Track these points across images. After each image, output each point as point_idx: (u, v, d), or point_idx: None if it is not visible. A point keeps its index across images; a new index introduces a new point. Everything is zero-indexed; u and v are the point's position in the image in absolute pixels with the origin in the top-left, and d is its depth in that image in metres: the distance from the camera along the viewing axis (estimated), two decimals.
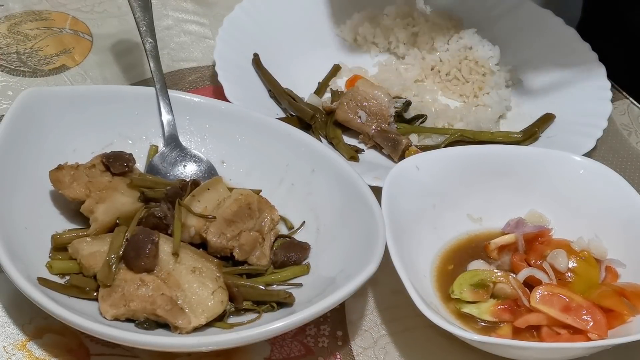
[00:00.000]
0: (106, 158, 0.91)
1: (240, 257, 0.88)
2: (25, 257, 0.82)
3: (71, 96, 0.97)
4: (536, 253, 0.92)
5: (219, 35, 1.15)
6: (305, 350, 0.86)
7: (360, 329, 0.89)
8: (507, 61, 1.22)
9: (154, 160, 0.97)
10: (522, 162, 0.98)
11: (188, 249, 0.86)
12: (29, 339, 0.83)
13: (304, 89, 1.14)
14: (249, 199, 0.90)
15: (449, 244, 0.95)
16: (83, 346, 0.83)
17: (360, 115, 1.08)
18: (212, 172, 0.97)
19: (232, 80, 1.09)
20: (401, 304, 0.88)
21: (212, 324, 0.82)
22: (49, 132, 0.94)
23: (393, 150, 1.06)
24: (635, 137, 1.18)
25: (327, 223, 0.92)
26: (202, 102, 1.01)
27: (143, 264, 0.82)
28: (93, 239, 0.85)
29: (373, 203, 0.88)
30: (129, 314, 0.81)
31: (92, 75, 1.15)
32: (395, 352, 0.88)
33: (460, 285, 0.89)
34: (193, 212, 0.88)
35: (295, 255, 0.90)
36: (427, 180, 0.95)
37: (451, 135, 1.09)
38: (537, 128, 1.12)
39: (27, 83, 1.12)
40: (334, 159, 0.95)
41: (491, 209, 0.96)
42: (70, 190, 0.88)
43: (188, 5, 1.31)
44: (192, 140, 1.00)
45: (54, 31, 1.22)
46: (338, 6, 1.26)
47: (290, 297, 0.85)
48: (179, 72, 1.18)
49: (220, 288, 0.82)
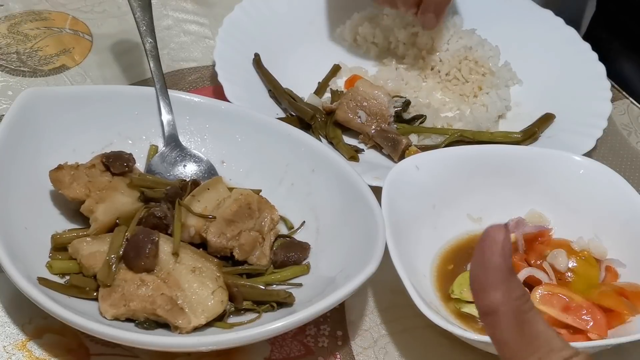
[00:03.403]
0: (106, 158, 0.91)
1: (240, 257, 0.88)
2: (25, 257, 0.82)
3: (71, 96, 0.97)
4: (536, 253, 0.92)
5: (219, 35, 1.15)
6: (305, 350, 0.86)
7: (360, 328, 0.89)
8: (506, 61, 1.22)
9: (154, 160, 0.98)
10: (522, 162, 0.98)
11: (188, 249, 0.86)
12: (29, 338, 0.83)
13: (304, 89, 1.14)
14: (249, 199, 0.90)
15: (448, 244, 0.95)
16: (83, 346, 0.83)
17: (360, 115, 1.08)
18: (212, 172, 0.98)
19: (232, 80, 1.09)
20: (401, 304, 0.88)
21: (212, 323, 0.82)
22: (48, 132, 0.94)
23: (393, 150, 1.06)
24: (635, 137, 1.18)
25: (327, 223, 0.92)
26: (202, 102, 1.01)
27: (143, 264, 0.82)
28: (93, 239, 0.85)
29: (373, 203, 0.88)
30: (129, 313, 0.81)
31: (92, 75, 1.15)
32: (395, 352, 0.88)
33: (460, 285, 0.89)
34: (193, 212, 0.88)
35: (295, 255, 0.90)
36: (427, 180, 0.95)
37: (451, 136, 1.09)
38: (537, 128, 1.12)
39: (27, 83, 1.12)
40: (333, 159, 0.95)
41: (491, 209, 0.96)
42: (70, 190, 0.88)
43: (188, 5, 1.31)
44: (192, 140, 1.00)
45: (54, 31, 1.22)
46: (338, 6, 1.26)
47: (290, 297, 0.85)
48: (179, 72, 1.18)
49: (220, 288, 0.82)
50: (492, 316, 0.55)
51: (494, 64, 1.21)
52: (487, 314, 0.55)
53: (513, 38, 1.24)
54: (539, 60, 1.22)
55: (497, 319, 0.55)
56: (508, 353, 0.55)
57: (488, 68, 1.19)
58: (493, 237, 0.54)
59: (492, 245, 0.54)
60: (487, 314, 0.55)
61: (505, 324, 0.55)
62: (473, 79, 1.19)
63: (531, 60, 1.22)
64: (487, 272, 0.54)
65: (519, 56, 1.23)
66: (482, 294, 0.55)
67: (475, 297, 0.56)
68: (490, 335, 0.56)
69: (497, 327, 0.55)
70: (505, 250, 0.54)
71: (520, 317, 0.55)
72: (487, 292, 0.55)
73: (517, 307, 0.55)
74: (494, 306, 0.55)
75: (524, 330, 0.55)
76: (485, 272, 0.55)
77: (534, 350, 0.55)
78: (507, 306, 0.54)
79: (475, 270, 0.55)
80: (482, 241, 0.55)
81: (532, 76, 1.21)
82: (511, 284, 0.54)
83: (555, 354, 0.55)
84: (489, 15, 1.27)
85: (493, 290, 0.54)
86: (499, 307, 0.54)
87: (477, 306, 0.56)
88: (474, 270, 0.55)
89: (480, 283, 0.55)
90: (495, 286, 0.54)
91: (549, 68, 1.21)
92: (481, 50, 1.21)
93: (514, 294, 0.54)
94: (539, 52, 1.23)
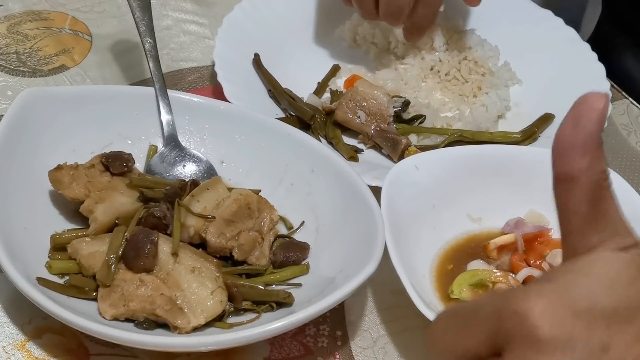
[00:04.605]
0: (105, 158, 0.91)
1: (239, 257, 0.88)
2: (25, 257, 0.82)
3: (70, 96, 0.97)
4: (535, 253, 0.92)
5: (219, 36, 1.15)
6: (304, 350, 0.86)
7: (360, 328, 0.89)
8: (506, 61, 1.22)
9: (153, 160, 0.97)
10: (522, 162, 0.98)
11: (187, 249, 0.86)
12: (29, 339, 0.83)
13: (304, 89, 1.14)
14: (249, 199, 0.90)
15: (448, 244, 0.95)
16: (82, 346, 0.83)
17: (360, 115, 1.08)
18: (212, 172, 0.97)
19: (231, 80, 1.09)
20: (401, 304, 0.88)
21: (211, 323, 0.82)
22: (48, 132, 0.94)
23: (392, 150, 1.06)
24: (635, 137, 1.18)
25: (327, 223, 0.92)
26: (202, 102, 1.01)
27: (142, 264, 0.82)
28: (92, 239, 0.85)
29: (372, 203, 0.88)
30: (129, 313, 0.81)
31: (92, 75, 1.15)
32: (395, 352, 0.88)
33: (459, 285, 0.89)
34: (192, 212, 0.88)
35: (295, 255, 0.90)
36: (426, 180, 0.95)
37: (450, 136, 1.09)
38: (537, 128, 1.11)
39: (26, 83, 1.12)
40: (333, 159, 0.95)
41: (490, 209, 0.96)
42: (70, 190, 0.88)
43: (187, 5, 1.31)
44: (192, 140, 1.00)
45: (54, 31, 1.22)
46: (337, 6, 1.25)
47: (289, 297, 0.85)
48: (178, 72, 1.18)
49: (219, 288, 0.82)
50: (570, 183, 0.53)
51: (493, 64, 1.21)
52: (564, 180, 0.53)
53: (513, 38, 1.24)
54: (538, 60, 1.22)
55: (574, 187, 0.53)
56: (575, 225, 0.53)
57: (488, 68, 1.19)
58: (593, 103, 0.52)
59: (590, 112, 0.52)
60: (564, 180, 0.53)
61: (581, 193, 0.53)
62: (472, 79, 1.19)
63: (531, 60, 1.22)
64: (579, 136, 0.52)
65: (518, 56, 1.23)
66: (567, 157, 0.52)
67: (558, 160, 0.53)
68: (560, 204, 0.54)
69: (572, 195, 0.53)
70: (602, 119, 0.52)
71: (599, 192, 0.53)
72: (572, 157, 0.52)
73: (598, 180, 0.52)
74: (577, 172, 0.52)
75: (598, 206, 0.53)
76: (576, 136, 0.52)
77: (600, 229, 0.53)
78: (590, 177, 0.52)
79: (566, 131, 0.52)
80: (579, 105, 0.52)
81: (532, 76, 1.21)
82: (599, 156, 0.52)
83: (619, 239, 0.53)
84: (489, 15, 1.27)
85: (580, 157, 0.52)
86: (582, 175, 0.52)
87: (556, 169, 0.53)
88: (562, 131, 0.52)
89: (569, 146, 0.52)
90: (583, 152, 0.52)
91: (549, 68, 1.21)
92: (481, 50, 1.21)
93: (599, 167, 0.52)
94: (539, 52, 1.23)
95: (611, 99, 1.14)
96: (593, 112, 0.52)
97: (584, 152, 0.52)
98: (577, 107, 0.52)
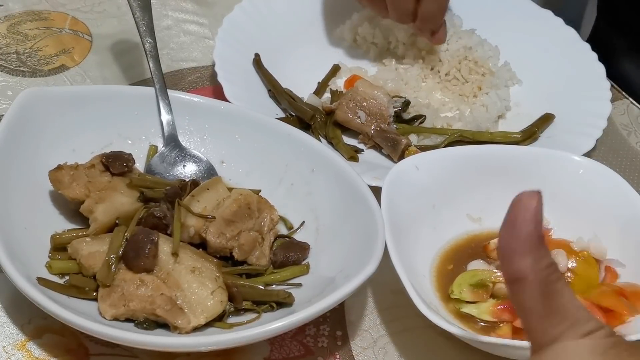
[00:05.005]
0: (105, 158, 0.91)
1: (239, 257, 0.88)
2: (25, 257, 0.82)
3: (70, 96, 0.97)
4: None
5: (219, 36, 1.15)
6: (304, 350, 0.86)
7: (360, 329, 0.89)
8: (506, 61, 1.22)
9: (154, 160, 0.97)
10: (522, 162, 0.98)
11: (187, 249, 0.86)
12: (29, 339, 0.83)
13: (304, 89, 1.14)
14: (249, 199, 0.90)
15: (448, 244, 0.95)
16: (82, 346, 0.83)
17: (360, 115, 1.08)
18: (212, 172, 0.97)
19: (231, 80, 1.09)
20: (401, 304, 0.88)
21: (211, 323, 0.82)
22: (48, 132, 0.94)
23: (392, 150, 1.06)
24: (635, 137, 1.18)
25: (327, 223, 0.92)
26: (202, 102, 1.01)
27: (142, 264, 0.82)
28: (92, 239, 0.85)
29: (372, 203, 0.88)
30: (129, 314, 0.81)
31: (92, 75, 1.15)
32: (395, 352, 0.88)
33: (459, 285, 0.89)
34: (192, 212, 0.88)
35: (295, 255, 0.90)
36: (426, 180, 0.95)
37: (450, 136, 1.09)
38: (537, 128, 1.11)
39: (26, 83, 1.12)
40: (333, 159, 0.95)
41: (491, 209, 0.96)
42: (70, 190, 0.88)
43: (188, 5, 1.31)
44: (192, 140, 1.00)
45: (54, 31, 1.22)
46: (338, 6, 1.26)
47: (289, 297, 0.85)
48: (178, 72, 1.18)
49: (219, 288, 0.82)
50: (519, 283, 0.54)
51: (493, 64, 1.21)
52: (514, 281, 0.54)
53: (513, 38, 1.24)
54: (538, 60, 1.22)
55: (524, 287, 0.54)
56: (532, 322, 0.54)
57: (488, 68, 1.19)
58: (525, 203, 0.53)
59: (524, 212, 0.53)
60: (514, 281, 0.54)
61: (532, 292, 0.54)
62: (473, 79, 1.19)
63: (531, 60, 1.22)
64: (518, 238, 0.53)
65: (518, 56, 1.23)
66: (510, 260, 0.54)
67: (503, 263, 0.54)
68: (515, 303, 0.55)
69: (523, 294, 0.54)
70: (537, 217, 0.53)
71: (548, 286, 0.53)
72: (516, 258, 0.53)
73: (545, 276, 0.53)
74: (522, 273, 0.53)
75: (550, 301, 0.54)
76: (515, 239, 0.53)
77: (558, 322, 0.54)
78: (536, 274, 0.53)
79: (505, 236, 0.54)
80: (514, 207, 0.53)
81: (532, 76, 1.21)
82: (541, 253, 0.53)
83: (580, 327, 0.54)
84: (489, 15, 1.27)
85: (522, 257, 0.53)
86: (528, 274, 0.53)
87: (504, 272, 0.55)
88: (503, 235, 0.54)
89: (510, 249, 0.54)
90: (525, 253, 0.53)
91: (549, 68, 1.21)
92: (481, 50, 1.21)
93: (544, 263, 0.53)
94: (539, 52, 1.23)
95: (611, 99, 1.15)
96: (527, 212, 0.53)
97: (525, 253, 0.53)
98: (512, 210, 0.54)
